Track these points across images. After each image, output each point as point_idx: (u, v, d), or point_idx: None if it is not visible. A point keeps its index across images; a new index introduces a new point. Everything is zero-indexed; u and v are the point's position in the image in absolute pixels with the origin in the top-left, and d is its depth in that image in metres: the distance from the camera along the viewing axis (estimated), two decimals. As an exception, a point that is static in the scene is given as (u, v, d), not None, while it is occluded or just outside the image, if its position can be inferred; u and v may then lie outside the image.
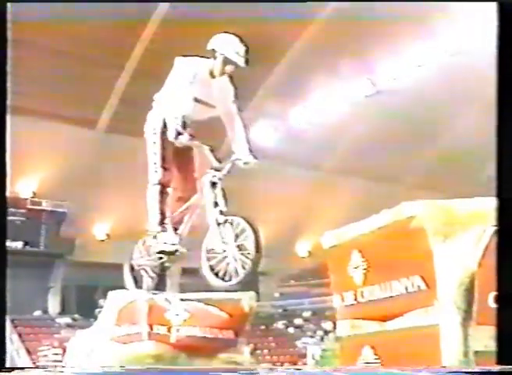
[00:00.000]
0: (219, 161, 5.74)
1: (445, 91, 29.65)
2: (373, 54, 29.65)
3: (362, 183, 34.34)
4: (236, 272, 5.34)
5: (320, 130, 32.03)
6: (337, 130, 32.19)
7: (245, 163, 5.74)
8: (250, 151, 5.78)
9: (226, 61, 5.78)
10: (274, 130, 31.74)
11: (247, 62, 5.78)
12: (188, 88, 5.80)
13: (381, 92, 30.99)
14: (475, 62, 25.79)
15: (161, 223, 5.94)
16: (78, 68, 26.99)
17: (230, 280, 5.39)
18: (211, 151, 5.78)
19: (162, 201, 5.93)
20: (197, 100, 5.87)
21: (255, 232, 5.30)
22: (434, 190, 28.13)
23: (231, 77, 5.94)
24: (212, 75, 5.87)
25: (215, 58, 5.82)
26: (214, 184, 5.68)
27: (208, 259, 5.55)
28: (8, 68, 3.91)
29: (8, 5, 3.91)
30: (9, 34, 3.91)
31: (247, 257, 5.29)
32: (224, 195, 5.66)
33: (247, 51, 5.78)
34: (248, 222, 5.37)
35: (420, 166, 34.69)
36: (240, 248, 5.35)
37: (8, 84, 3.89)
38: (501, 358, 2.95)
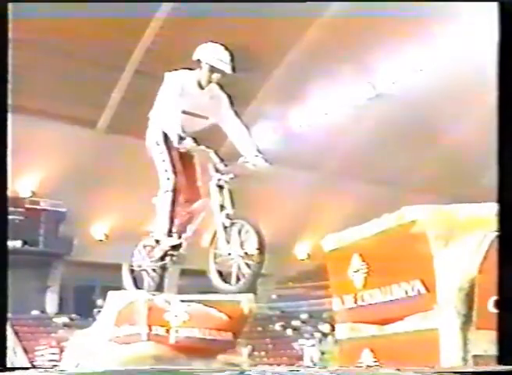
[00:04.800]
0: (225, 164, 5.76)
1: (446, 94, 29.66)
2: (373, 57, 29.68)
3: (362, 186, 34.34)
4: (240, 275, 5.41)
5: (320, 132, 32.05)
6: (338, 133, 32.22)
7: (254, 165, 5.78)
8: (259, 152, 5.82)
9: (212, 70, 5.82)
10: (274, 132, 31.73)
11: (233, 68, 5.80)
12: (177, 101, 5.84)
13: (381, 95, 31.03)
14: (476, 66, 25.83)
15: (169, 230, 6.00)
16: (79, 68, 27.02)
17: (235, 283, 5.47)
18: (216, 154, 5.79)
19: (173, 210, 5.96)
20: (185, 112, 5.90)
21: (259, 236, 5.34)
22: (434, 194, 28.15)
23: (221, 86, 5.98)
24: (200, 85, 5.91)
25: (200, 68, 5.87)
26: (221, 187, 5.70)
27: (215, 262, 5.62)
28: (10, 68, 3.92)
29: (10, 4, 3.91)
30: (10, 33, 3.91)
31: (249, 261, 5.34)
32: (231, 198, 5.69)
33: (232, 58, 5.80)
34: (252, 225, 5.41)
35: (420, 170, 34.68)
36: (244, 251, 5.41)
37: (10, 84, 3.90)
38: (501, 363, 2.95)
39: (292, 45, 29.59)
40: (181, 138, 5.74)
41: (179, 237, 6.04)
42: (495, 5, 3.34)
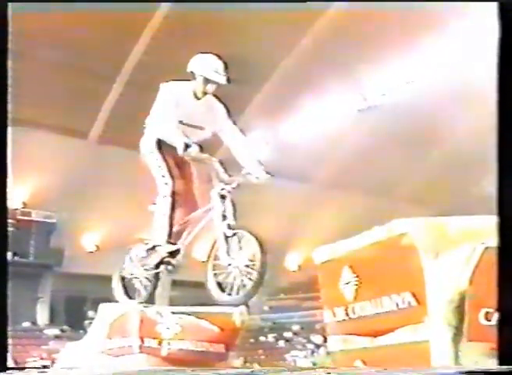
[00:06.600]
0: (228, 174, 5.73)
1: (437, 105, 29.75)
2: (364, 69, 29.77)
3: (353, 197, 34.37)
4: (241, 286, 5.36)
5: (311, 144, 32.08)
6: (329, 144, 32.25)
7: (257, 178, 5.78)
8: (260, 164, 5.81)
9: (207, 81, 5.78)
10: (265, 143, 31.74)
11: (228, 79, 5.77)
12: (173, 112, 5.80)
13: (372, 107, 31.10)
14: (468, 77, 25.94)
15: (169, 236, 5.93)
16: (70, 79, 27.01)
17: (235, 294, 5.42)
18: (221, 163, 5.76)
19: (172, 215, 5.90)
20: (182, 123, 5.85)
21: (261, 246, 5.29)
22: (426, 205, 28.18)
23: (217, 96, 5.95)
24: (196, 96, 5.88)
25: (195, 79, 5.84)
26: (223, 197, 5.66)
27: (214, 272, 5.57)
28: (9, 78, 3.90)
29: (9, 4, 3.89)
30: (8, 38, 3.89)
31: (251, 272, 5.30)
32: (233, 209, 5.65)
33: (226, 69, 5.77)
34: (255, 236, 5.37)
35: (412, 181, 34.74)
36: (246, 262, 5.37)
37: (9, 95, 3.88)
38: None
39: (283, 57, 29.66)
40: (187, 146, 5.70)
41: (176, 245, 5.99)
42: (488, 11, 3.33)
